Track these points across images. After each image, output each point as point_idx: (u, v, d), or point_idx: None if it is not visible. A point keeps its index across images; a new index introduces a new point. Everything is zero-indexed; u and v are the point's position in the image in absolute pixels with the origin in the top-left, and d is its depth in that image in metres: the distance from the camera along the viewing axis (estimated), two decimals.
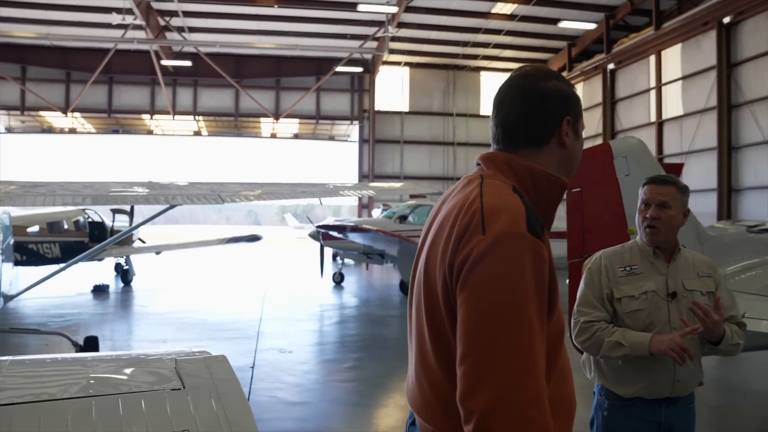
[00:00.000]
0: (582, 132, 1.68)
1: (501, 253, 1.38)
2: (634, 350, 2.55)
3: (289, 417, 5.97)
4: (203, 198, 7.96)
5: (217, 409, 2.52)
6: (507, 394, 1.30)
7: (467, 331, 1.37)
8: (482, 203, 1.46)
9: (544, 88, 1.60)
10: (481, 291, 1.38)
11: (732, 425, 6.03)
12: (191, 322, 11.80)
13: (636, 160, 5.84)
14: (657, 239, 2.71)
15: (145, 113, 31.61)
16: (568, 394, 1.56)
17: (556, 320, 1.50)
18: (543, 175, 1.56)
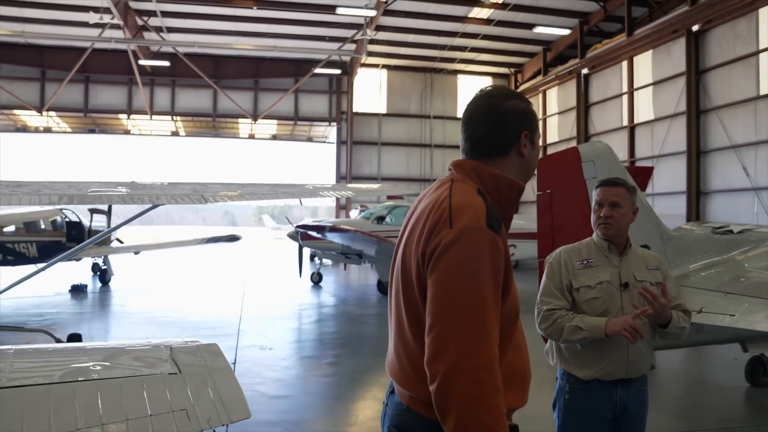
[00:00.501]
0: (538, 141, 1.98)
1: (464, 244, 1.67)
2: (592, 333, 2.83)
3: (272, 410, 6.17)
4: (187, 198, 8.10)
5: (212, 392, 2.75)
6: (464, 359, 1.60)
7: (434, 307, 1.67)
8: (451, 202, 1.75)
9: (505, 107, 1.90)
10: (446, 274, 1.67)
11: (694, 415, 6.37)
12: (171, 320, 11.91)
13: (603, 164, 6.13)
14: (610, 233, 3.00)
15: (122, 113, 31.45)
16: (523, 365, 1.88)
17: (512, 302, 1.80)
18: (504, 180, 1.85)
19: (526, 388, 1.89)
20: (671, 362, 8.60)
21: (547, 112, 30.70)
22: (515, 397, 1.82)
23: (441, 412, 1.64)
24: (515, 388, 1.82)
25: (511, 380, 1.79)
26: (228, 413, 2.65)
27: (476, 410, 1.58)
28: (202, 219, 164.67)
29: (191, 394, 2.67)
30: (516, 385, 1.83)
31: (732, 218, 18.16)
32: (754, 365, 7.25)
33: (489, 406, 1.59)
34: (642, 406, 3.00)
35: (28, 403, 2.40)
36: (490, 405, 1.59)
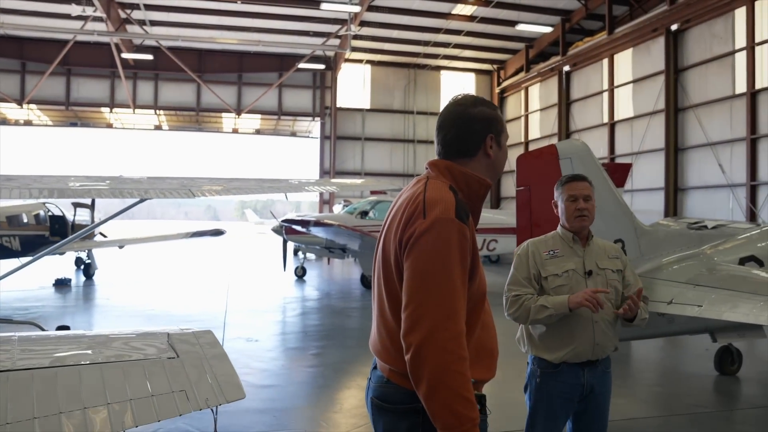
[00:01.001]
0: (505, 143, 2.23)
1: (435, 232, 1.92)
2: (556, 309, 3.07)
3: (259, 398, 6.34)
4: (175, 192, 8.20)
5: (209, 375, 2.93)
6: (435, 332, 1.84)
7: (409, 287, 1.92)
8: (425, 197, 2.00)
9: (472, 113, 2.14)
10: (420, 259, 1.92)
11: (665, 402, 6.65)
12: (157, 313, 12.02)
13: (580, 161, 6.38)
14: (587, 224, 3.26)
15: (105, 106, 31.24)
16: (490, 342, 2.13)
17: (478, 284, 2.05)
18: (473, 178, 2.11)
19: (494, 363, 2.15)
20: (646, 353, 8.91)
21: (529, 108, 31.04)
22: (484, 370, 2.07)
23: (415, 379, 1.88)
24: (484, 363, 2.07)
25: (479, 355, 2.05)
26: (224, 394, 2.83)
27: (445, 376, 1.82)
28: (184, 214, 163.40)
29: (189, 376, 2.84)
30: (485, 360, 2.08)
31: (708, 214, 18.60)
32: (722, 355, 7.56)
33: (456, 372, 1.83)
34: (606, 387, 3.25)
35: (37, 385, 2.57)
36: (457, 372, 1.83)
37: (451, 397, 1.82)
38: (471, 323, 2.01)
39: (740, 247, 6.85)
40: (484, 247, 17.23)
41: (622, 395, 6.75)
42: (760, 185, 18.09)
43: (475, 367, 1.99)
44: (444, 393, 1.82)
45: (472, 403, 1.84)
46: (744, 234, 7.22)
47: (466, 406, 1.82)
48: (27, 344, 3.03)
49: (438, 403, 1.83)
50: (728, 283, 5.92)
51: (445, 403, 1.82)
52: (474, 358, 1.98)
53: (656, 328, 6.59)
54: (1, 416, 2.32)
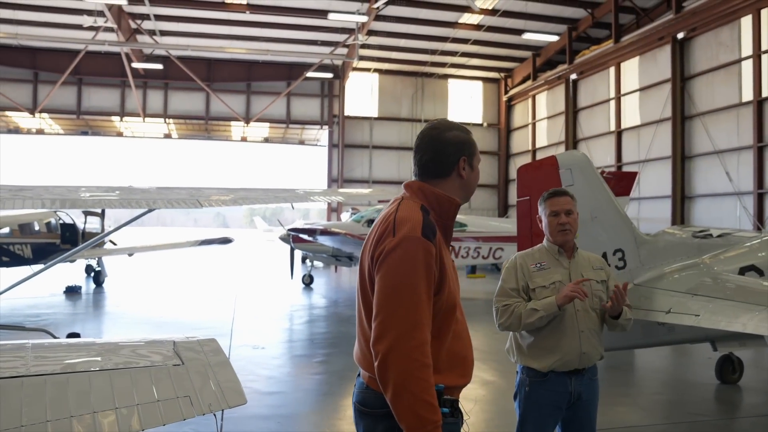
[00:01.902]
0: (478, 165, 2.39)
1: (402, 249, 2.10)
2: (546, 310, 3.20)
3: (265, 404, 6.47)
4: (182, 202, 8.38)
5: (212, 381, 3.06)
6: (400, 341, 2.02)
7: (378, 299, 2.11)
8: (396, 216, 2.20)
9: (446, 137, 2.32)
10: (388, 274, 2.10)
11: (666, 410, 6.70)
12: (166, 321, 12.18)
13: (580, 172, 6.46)
14: (569, 237, 3.40)
15: (115, 115, 31.62)
16: (463, 351, 2.28)
17: (447, 297, 2.19)
18: (443, 198, 2.29)
19: (468, 369, 2.30)
20: (648, 361, 8.97)
21: (536, 116, 31.12)
22: (457, 376, 2.23)
23: (382, 384, 2.05)
24: (457, 370, 2.23)
25: (453, 363, 2.21)
26: (227, 400, 2.95)
27: (408, 382, 1.99)
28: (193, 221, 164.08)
29: (194, 383, 2.97)
30: (458, 367, 2.24)
31: (715, 222, 18.62)
32: (723, 363, 7.61)
33: (419, 379, 2.00)
34: (593, 394, 3.37)
35: (50, 390, 2.70)
36: (420, 378, 2.00)
37: (414, 401, 1.98)
38: (442, 333, 2.17)
39: (741, 256, 6.91)
40: (490, 255, 17.32)
41: (623, 403, 6.83)
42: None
43: (447, 373, 2.16)
44: (407, 397, 1.98)
45: (434, 407, 2.00)
46: (746, 243, 7.27)
47: (428, 409, 1.98)
48: (40, 351, 3.16)
49: (402, 407, 1.99)
50: (727, 293, 5.98)
51: (408, 407, 1.98)
52: (447, 365, 2.16)
53: (656, 336, 6.67)
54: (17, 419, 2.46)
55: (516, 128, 33.19)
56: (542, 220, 3.48)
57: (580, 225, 6.40)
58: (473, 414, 6.28)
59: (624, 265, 6.52)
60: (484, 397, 6.82)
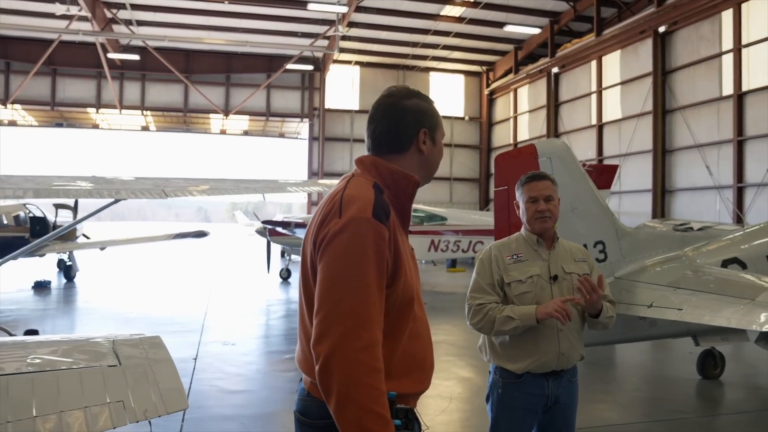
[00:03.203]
0: (441, 139, 2.07)
1: (349, 233, 1.76)
2: (523, 321, 2.89)
3: (229, 404, 6.17)
4: (147, 193, 8.02)
5: (151, 384, 2.76)
6: (345, 342, 1.68)
7: (321, 292, 1.76)
8: (343, 195, 1.85)
9: (404, 105, 1.98)
10: (332, 261, 1.76)
11: (646, 407, 6.52)
12: (135, 316, 11.81)
13: (560, 161, 6.21)
14: (549, 225, 3.07)
15: (91, 107, 30.94)
16: (421, 353, 1.94)
17: (403, 290, 1.86)
18: (400, 174, 1.94)
19: (427, 374, 1.97)
20: (629, 356, 8.79)
21: (518, 110, 30.99)
22: (413, 382, 1.90)
23: (324, 392, 1.72)
24: (414, 375, 1.90)
25: (409, 366, 1.88)
26: (165, 404, 2.66)
27: (355, 390, 1.65)
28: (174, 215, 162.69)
29: (129, 385, 2.68)
30: (415, 372, 1.91)
31: (695, 216, 18.56)
32: (705, 358, 7.45)
33: (367, 386, 1.66)
34: (572, 397, 3.07)
35: None
36: (368, 385, 1.66)
37: (361, 412, 1.65)
38: (397, 331, 1.85)
39: (723, 249, 6.75)
40: (470, 248, 17.11)
41: (603, 400, 6.64)
42: (747, 187, 18.06)
43: (402, 379, 1.84)
44: (353, 407, 1.66)
45: (385, 418, 1.68)
46: (727, 236, 7.12)
47: (377, 422, 1.66)
48: None
49: (347, 418, 1.67)
50: (710, 286, 5.81)
51: (354, 419, 1.66)
52: (401, 369, 1.84)
53: (638, 331, 6.47)
54: None
55: (497, 122, 33.04)
56: (519, 207, 3.15)
57: (560, 216, 6.18)
58: (448, 413, 6.04)
59: (605, 258, 6.31)
60: (460, 395, 6.58)
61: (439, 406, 6.23)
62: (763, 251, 6.61)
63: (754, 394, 7.16)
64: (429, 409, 6.23)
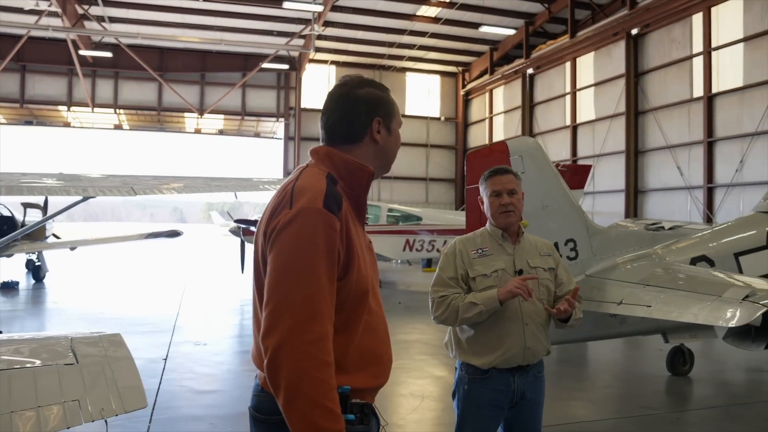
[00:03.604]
0: (397, 128, 2.03)
1: (299, 223, 1.73)
2: (486, 305, 2.86)
3: (198, 404, 6.08)
4: (116, 190, 7.91)
5: (109, 382, 2.69)
6: (293, 335, 1.65)
7: (270, 283, 1.73)
8: (294, 185, 1.82)
9: (356, 94, 1.95)
10: (282, 252, 1.73)
11: (617, 404, 6.57)
12: (106, 317, 11.60)
13: (531, 159, 6.23)
14: (513, 219, 3.06)
15: (62, 104, 30.40)
16: (377, 347, 1.91)
17: (356, 282, 1.82)
18: (354, 165, 1.91)
19: (384, 369, 1.93)
20: (601, 353, 8.86)
21: (493, 111, 31.16)
22: (368, 377, 1.86)
23: (273, 387, 1.68)
24: (370, 369, 1.86)
25: (364, 361, 1.85)
26: (123, 403, 2.59)
27: (303, 384, 1.62)
28: (150, 215, 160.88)
29: (86, 384, 2.60)
30: (370, 366, 1.87)
31: (667, 215, 18.82)
32: (674, 355, 7.53)
33: (316, 380, 1.63)
34: (539, 393, 3.06)
35: None
36: (317, 379, 1.63)
37: (310, 407, 1.61)
38: (351, 325, 1.82)
39: (692, 247, 6.83)
40: None
41: (574, 397, 6.67)
42: (717, 187, 18.37)
43: (357, 373, 1.80)
44: (302, 402, 1.62)
45: (334, 413, 1.64)
46: (696, 234, 7.21)
47: (327, 417, 1.62)
48: None
49: (295, 413, 1.63)
50: (679, 283, 5.86)
51: (302, 414, 1.62)
52: (356, 363, 1.81)
53: (609, 328, 6.52)
54: None
55: (473, 122, 33.19)
56: (484, 202, 3.14)
57: (531, 214, 6.20)
58: (420, 411, 6.02)
59: (576, 256, 6.34)
60: (432, 394, 6.56)
61: (410, 404, 6.21)
62: (731, 249, 6.70)
63: (721, 389, 7.26)
64: (401, 407, 6.21)
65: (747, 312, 4.68)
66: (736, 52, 17.84)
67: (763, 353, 7.09)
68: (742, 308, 4.75)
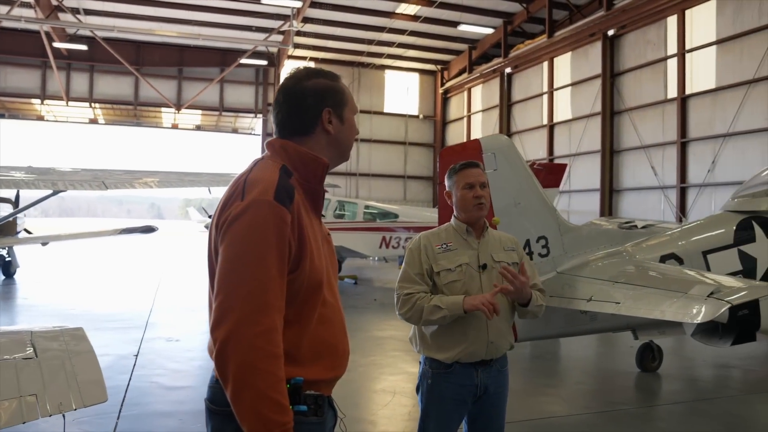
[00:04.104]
0: (351, 116, 2.03)
1: (250, 215, 1.73)
2: (450, 310, 2.87)
3: (168, 400, 6.02)
4: (86, 184, 7.80)
5: (68, 376, 2.65)
6: (242, 327, 1.65)
7: (219, 275, 1.74)
8: (247, 178, 1.83)
9: (303, 86, 1.96)
10: (232, 244, 1.73)
11: (586, 400, 6.64)
12: (77, 313, 11.43)
13: (504, 157, 6.26)
14: (484, 212, 3.07)
15: (35, 98, 29.85)
16: (332, 339, 1.91)
17: (310, 273, 1.83)
18: (308, 156, 1.91)
19: (339, 361, 1.93)
20: (572, 350, 8.95)
21: (471, 109, 31.30)
22: (323, 369, 1.86)
23: (221, 378, 1.69)
24: (324, 361, 1.87)
25: (319, 353, 1.85)
26: (82, 397, 2.55)
27: (251, 376, 1.63)
28: (126, 211, 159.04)
29: (45, 378, 2.56)
30: (325, 358, 1.88)
31: (641, 215, 19.06)
32: (643, 351, 7.64)
33: (264, 372, 1.63)
34: (502, 387, 3.07)
35: None
36: (265, 371, 1.63)
37: (258, 399, 1.62)
38: (304, 317, 1.82)
39: (662, 245, 6.92)
40: None
41: (546, 393, 6.74)
42: (690, 187, 18.65)
43: (311, 365, 1.81)
44: (249, 394, 1.63)
45: (282, 406, 1.65)
46: (667, 233, 7.31)
47: (275, 409, 1.63)
48: None
49: (243, 405, 1.64)
50: (648, 280, 5.95)
51: (250, 406, 1.63)
52: (310, 355, 1.82)
53: (579, 325, 6.59)
54: None
55: (451, 120, 33.31)
56: (453, 196, 3.12)
57: (503, 211, 6.24)
58: (391, 407, 6.03)
59: (547, 253, 6.40)
60: (404, 390, 6.57)
61: (382, 400, 6.22)
62: (699, 247, 6.80)
63: (689, 385, 7.38)
64: (372, 403, 6.22)
65: (712, 308, 4.76)
66: (709, 54, 18.12)
67: (730, 350, 7.23)
68: (707, 305, 4.83)
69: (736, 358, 8.22)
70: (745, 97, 16.78)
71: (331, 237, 2.07)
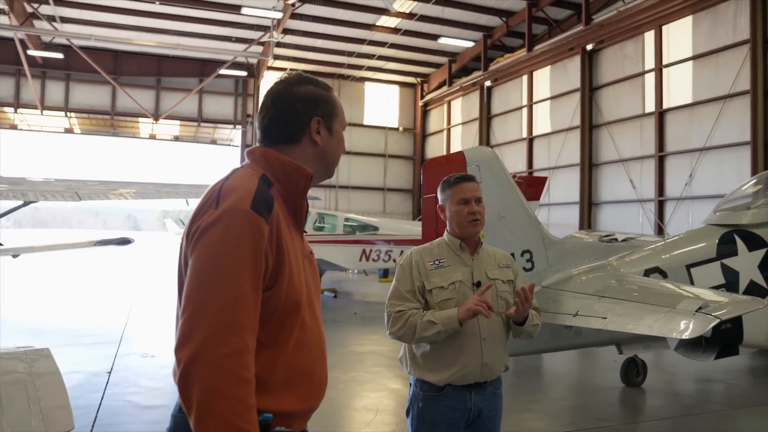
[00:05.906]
0: (341, 130, 1.90)
1: (223, 225, 1.57)
2: (445, 325, 2.73)
3: (142, 420, 5.80)
4: (59, 195, 7.56)
5: (31, 402, 2.46)
6: (209, 347, 1.47)
7: (188, 289, 1.57)
8: (223, 185, 1.67)
9: (294, 92, 1.82)
10: (202, 256, 1.57)
11: (571, 416, 6.54)
12: (48, 328, 11.11)
13: (488, 169, 6.19)
14: (479, 229, 2.94)
15: (9, 106, 29.27)
16: (307, 366, 1.72)
17: (288, 292, 1.66)
18: (291, 166, 1.76)
19: (316, 390, 1.76)
20: (556, 365, 8.87)
21: (451, 122, 31.37)
22: (298, 399, 1.69)
23: (185, 404, 1.50)
24: (298, 390, 1.69)
25: (293, 380, 1.67)
26: (46, 425, 2.37)
27: (216, 401, 1.45)
28: (102, 223, 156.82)
29: (4, 404, 2.38)
30: (299, 387, 1.69)
31: (620, 227, 19.16)
32: (628, 366, 7.58)
33: (232, 397, 1.46)
34: (496, 410, 2.93)
35: None
36: (233, 397, 1.46)
37: (222, 428, 1.44)
38: (280, 340, 1.65)
39: (645, 259, 6.88)
40: None
41: (530, 410, 6.62)
42: (667, 200, 18.79)
43: (283, 394, 1.63)
44: (214, 422, 1.44)
45: None
46: (649, 246, 7.29)
47: None
48: None
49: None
50: (633, 295, 5.88)
51: None
52: (284, 382, 1.64)
53: (564, 340, 6.51)
54: None
55: (431, 133, 33.35)
56: (446, 210, 3.00)
57: (488, 225, 6.12)
58: (374, 425, 5.87)
59: (532, 267, 6.32)
60: (387, 407, 6.42)
61: (364, 418, 6.05)
62: (683, 261, 6.78)
63: (673, 400, 7.32)
64: (354, 422, 6.05)
65: (700, 324, 4.69)
66: (686, 69, 18.35)
67: (713, 363, 7.21)
68: (695, 320, 4.76)
69: (718, 371, 8.20)
70: (721, 112, 16.99)
71: (314, 255, 1.91)
